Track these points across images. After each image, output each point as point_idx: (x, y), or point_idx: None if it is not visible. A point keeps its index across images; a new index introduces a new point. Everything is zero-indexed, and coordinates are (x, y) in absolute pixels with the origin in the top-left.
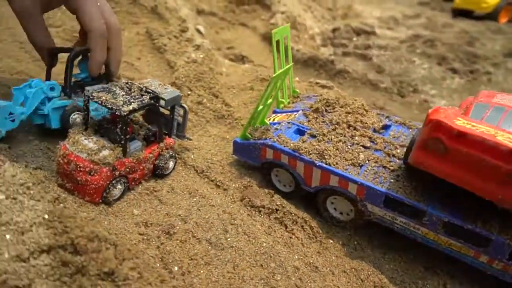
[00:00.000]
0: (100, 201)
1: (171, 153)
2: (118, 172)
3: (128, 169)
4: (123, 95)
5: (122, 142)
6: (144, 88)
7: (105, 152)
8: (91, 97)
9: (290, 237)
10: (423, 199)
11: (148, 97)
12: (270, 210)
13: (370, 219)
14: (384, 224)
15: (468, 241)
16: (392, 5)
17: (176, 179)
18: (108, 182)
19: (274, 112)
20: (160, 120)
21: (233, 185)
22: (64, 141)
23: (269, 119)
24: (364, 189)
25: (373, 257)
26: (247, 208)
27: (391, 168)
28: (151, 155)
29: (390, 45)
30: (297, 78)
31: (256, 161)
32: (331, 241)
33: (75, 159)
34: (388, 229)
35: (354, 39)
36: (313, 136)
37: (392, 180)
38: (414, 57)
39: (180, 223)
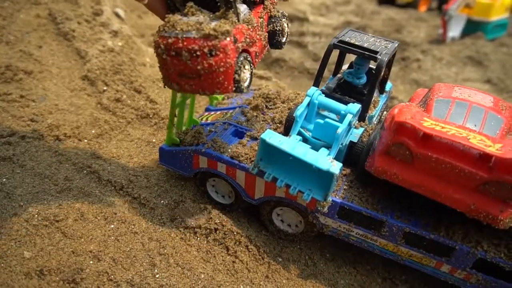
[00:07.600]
0: (234, 88)
1: (282, 12)
2: (240, 44)
3: (248, 40)
4: None
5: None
6: None
7: (216, 22)
8: None
9: (233, 262)
10: (380, 208)
11: None
12: (208, 231)
13: (323, 232)
14: (338, 237)
15: (430, 251)
16: None
17: (86, 200)
18: (235, 58)
19: (207, 110)
20: None
21: (162, 201)
22: (157, 34)
23: (201, 119)
24: (315, 200)
25: (327, 273)
26: (180, 231)
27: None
28: (261, 19)
29: (324, 32)
30: None
31: (188, 171)
32: (280, 259)
33: (185, 43)
34: (339, 239)
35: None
36: (254, 139)
37: (345, 187)
38: None
39: (91, 262)
